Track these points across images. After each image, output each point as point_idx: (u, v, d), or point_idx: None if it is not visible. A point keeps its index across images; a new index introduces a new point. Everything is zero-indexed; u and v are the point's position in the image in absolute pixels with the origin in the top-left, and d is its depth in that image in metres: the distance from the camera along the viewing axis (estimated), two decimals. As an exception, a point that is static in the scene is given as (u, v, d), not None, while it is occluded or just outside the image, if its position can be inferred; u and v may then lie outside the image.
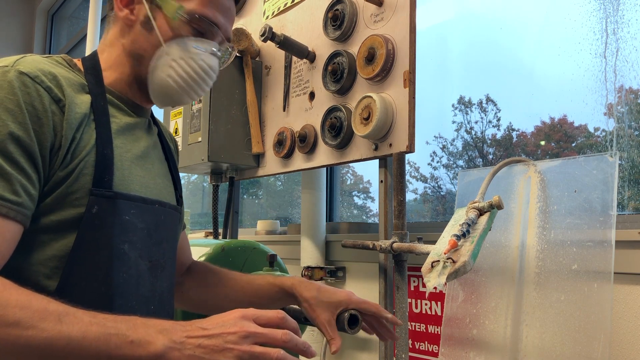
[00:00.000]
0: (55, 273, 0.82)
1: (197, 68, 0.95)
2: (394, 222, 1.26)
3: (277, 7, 1.78)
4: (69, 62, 0.93)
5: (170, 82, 0.95)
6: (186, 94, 0.98)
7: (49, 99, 0.81)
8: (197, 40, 0.95)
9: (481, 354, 1.22)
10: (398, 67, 1.30)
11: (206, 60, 0.96)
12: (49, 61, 0.88)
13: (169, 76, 0.94)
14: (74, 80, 0.88)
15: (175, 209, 1.03)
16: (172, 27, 0.93)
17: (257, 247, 1.41)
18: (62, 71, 0.87)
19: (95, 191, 0.84)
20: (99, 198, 0.84)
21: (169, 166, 1.08)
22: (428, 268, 0.99)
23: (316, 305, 1.03)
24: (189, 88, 0.97)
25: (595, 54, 1.44)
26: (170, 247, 1.01)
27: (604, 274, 1.05)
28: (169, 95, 0.97)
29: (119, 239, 0.87)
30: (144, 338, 0.71)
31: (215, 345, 0.73)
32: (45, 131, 0.80)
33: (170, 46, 0.93)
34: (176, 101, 0.99)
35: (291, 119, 1.67)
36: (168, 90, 0.96)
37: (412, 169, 2.08)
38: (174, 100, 0.99)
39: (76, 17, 4.62)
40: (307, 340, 1.71)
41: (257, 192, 3.43)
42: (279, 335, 0.76)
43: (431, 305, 1.50)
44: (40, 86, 0.81)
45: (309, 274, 1.75)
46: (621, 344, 1.13)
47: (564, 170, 1.17)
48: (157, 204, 0.96)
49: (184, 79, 0.95)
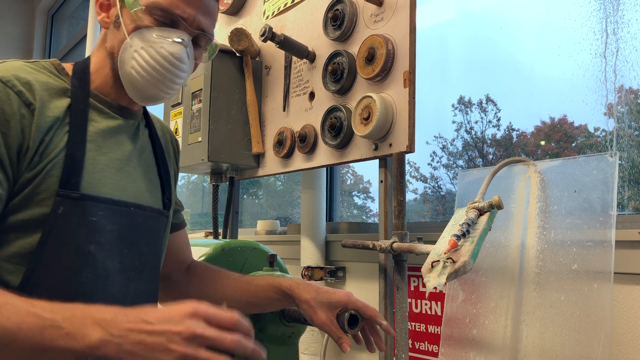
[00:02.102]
0: (17, 269, 0.84)
1: (157, 57, 0.93)
2: (394, 222, 1.26)
3: (277, 7, 1.78)
4: (57, 67, 0.96)
5: (134, 73, 0.94)
6: (154, 86, 0.95)
7: (19, 103, 0.84)
8: (160, 30, 0.94)
9: (481, 354, 1.22)
10: (398, 67, 1.30)
11: (167, 47, 0.93)
12: (31, 67, 0.91)
13: (132, 68, 0.93)
14: (53, 85, 0.91)
15: (159, 212, 1.03)
16: (133, 19, 0.93)
17: (257, 247, 1.41)
18: (41, 76, 0.90)
19: (61, 192, 0.86)
20: (64, 199, 0.86)
21: (158, 169, 1.08)
22: (428, 268, 0.99)
23: (316, 307, 1.02)
24: (154, 79, 0.94)
25: (595, 54, 1.44)
26: (151, 251, 1.00)
27: (604, 274, 1.05)
28: (138, 88, 0.96)
29: (85, 240, 0.88)
30: (79, 330, 0.70)
31: (157, 343, 0.70)
32: (13, 134, 0.83)
33: (132, 38, 0.93)
34: (148, 95, 0.97)
35: (291, 119, 1.67)
36: (135, 83, 0.95)
37: (412, 169, 2.08)
38: (145, 93, 0.97)
39: (76, 17, 4.62)
40: (307, 340, 1.72)
41: (257, 192, 3.43)
42: (227, 341, 0.72)
43: (431, 305, 1.50)
44: (12, 90, 0.84)
45: (309, 274, 1.75)
46: (621, 344, 1.13)
47: (564, 170, 1.17)
48: (132, 206, 0.96)
49: (145, 69, 0.93)
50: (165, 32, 0.94)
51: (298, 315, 1.15)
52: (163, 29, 0.94)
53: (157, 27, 0.94)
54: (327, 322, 1.01)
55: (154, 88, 0.96)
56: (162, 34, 0.94)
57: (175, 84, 0.97)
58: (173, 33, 0.94)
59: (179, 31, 0.95)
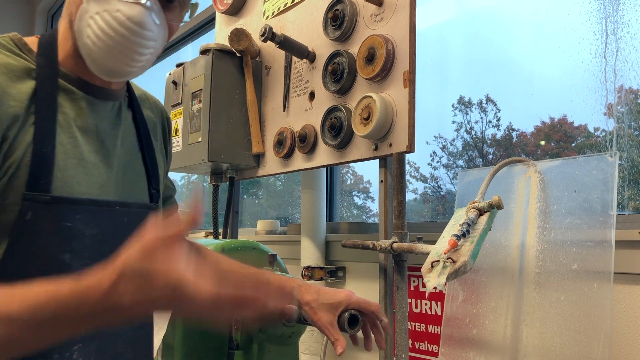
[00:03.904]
0: None
1: (112, 22, 0.78)
2: (394, 222, 1.26)
3: (277, 7, 1.78)
4: (18, 43, 0.82)
5: (90, 43, 0.80)
6: (115, 58, 0.81)
7: None
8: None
9: (481, 354, 1.22)
10: (398, 67, 1.30)
11: (124, 10, 0.79)
12: None
13: (87, 37, 0.80)
14: (14, 66, 0.78)
15: (146, 207, 0.94)
16: None
17: (257, 247, 1.41)
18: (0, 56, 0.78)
19: (29, 195, 0.75)
20: (33, 203, 0.75)
21: (143, 156, 0.96)
22: (428, 268, 0.99)
23: (317, 308, 1.00)
24: (112, 50, 0.80)
25: (595, 54, 1.44)
26: None
27: (604, 274, 1.05)
28: (96, 61, 0.81)
29: (58, 248, 0.78)
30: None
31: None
32: None
33: (88, 2, 0.80)
34: (109, 69, 0.83)
35: (291, 119, 1.67)
36: (91, 54, 0.81)
37: (412, 169, 2.08)
38: (105, 67, 0.82)
39: (76, 17, 4.62)
40: (307, 341, 1.72)
41: (257, 192, 3.43)
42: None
43: (431, 305, 1.50)
44: None
45: (309, 274, 1.75)
46: (621, 344, 1.13)
47: (564, 170, 1.17)
48: (117, 205, 0.86)
49: (101, 38, 0.79)
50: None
51: (297, 315, 1.15)
52: None
53: None
54: (327, 324, 0.99)
55: (114, 60, 0.81)
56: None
57: (141, 55, 0.82)
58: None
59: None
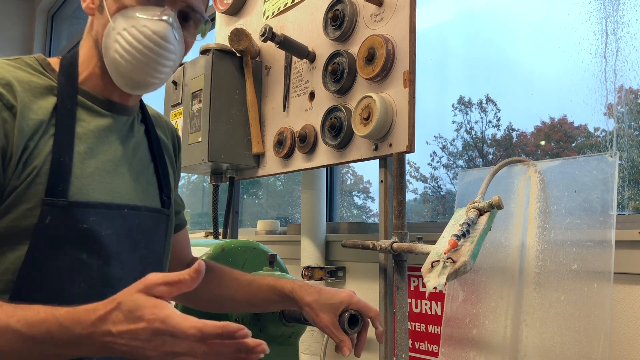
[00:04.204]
0: (9, 286, 0.80)
1: (140, 37, 0.86)
2: (394, 222, 1.26)
3: (277, 7, 1.78)
4: (42, 63, 0.90)
5: (118, 57, 0.87)
6: (141, 70, 0.89)
7: (1, 106, 0.80)
8: (143, 8, 0.88)
9: (481, 354, 1.22)
10: (398, 67, 1.30)
11: (150, 26, 0.87)
12: (11, 64, 0.86)
13: (115, 52, 0.87)
14: (37, 83, 0.86)
15: (157, 211, 1.00)
16: (115, 1, 0.88)
17: (257, 247, 1.41)
18: (23, 75, 0.85)
19: (48, 201, 0.81)
20: (52, 207, 0.81)
21: (155, 166, 1.03)
22: (428, 268, 0.99)
23: (318, 309, 1.00)
24: (139, 63, 0.88)
25: (595, 54, 1.44)
26: (151, 251, 0.97)
27: (604, 274, 1.05)
28: (123, 74, 0.89)
29: (76, 248, 0.84)
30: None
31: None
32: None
33: (115, 20, 0.87)
34: (135, 81, 0.91)
35: (291, 119, 1.67)
36: (120, 68, 0.88)
37: (412, 169, 2.08)
38: (131, 79, 0.90)
39: (76, 17, 4.62)
40: (307, 341, 1.72)
41: (257, 192, 3.43)
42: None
43: (431, 305, 1.50)
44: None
45: (309, 274, 1.75)
46: (621, 344, 1.13)
47: (564, 170, 1.17)
48: (126, 208, 0.92)
49: (129, 51, 0.87)
50: (149, 10, 0.88)
51: (298, 315, 1.15)
52: (146, 7, 0.88)
53: (140, 5, 0.88)
54: (329, 325, 0.99)
55: (140, 73, 0.89)
56: (144, 12, 0.87)
57: (164, 66, 0.90)
58: (156, 10, 0.88)
59: (163, 8, 0.89)
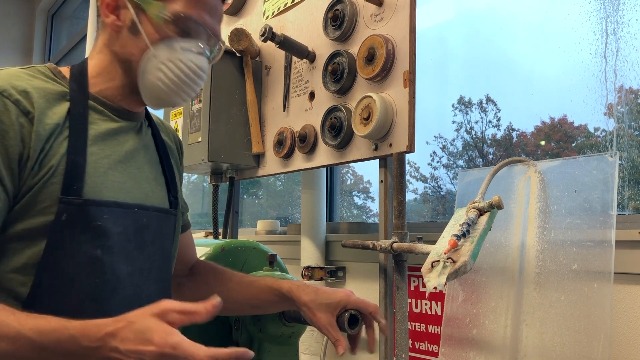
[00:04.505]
0: (29, 280, 0.84)
1: (186, 69, 0.95)
2: (394, 222, 1.26)
3: (277, 7, 1.78)
4: (53, 71, 0.94)
5: (161, 85, 0.95)
6: (177, 95, 0.98)
7: (17, 112, 0.84)
8: (185, 41, 0.95)
9: (481, 354, 1.22)
10: (398, 67, 1.30)
11: (195, 60, 0.96)
12: (27, 73, 0.90)
13: (158, 79, 0.94)
14: (51, 90, 0.90)
15: (164, 211, 1.02)
16: (157, 29, 0.93)
17: (257, 247, 1.41)
18: (37, 83, 0.89)
19: (64, 199, 0.85)
20: (67, 205, 0.85)
21: (162, 168, 1.07)
22: (428, 268, 0.99)
23: (316, 309, 1.01)
24: (179, 90, 0.97)
25: (595, 54, 1.44)
26: (158, 250, 1.00)
27: (604, 274, 1.05)
28: (161, 98, 0.97)
29: (91, 244, 0.87)
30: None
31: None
32: (13, 144, 0.82)
33: (157, 48, 0.93)
34: (169, 103, 1.00)
35: (291, 119, 1.67)
36: (159, 93, 0.96)
37: (412, 169, 2.08)
38: (166, 102, 0.99)
39: (76, 17, 4.62)
40: (307, 341, 1.72)
41: (257, 192, 3.43)
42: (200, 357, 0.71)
43: (431, 305, 1.50)
44: (9, 100, 0.83)
45: (309, 274, 1.75)
46: (621, 344, 1.13)
47: (564, 170, 1.17)
48: (136, 207, 0.95)
49: (173, 81, 0.95)
50: (190, 43, 0.95)
51: (298, 315, 1.15)
52: (187, 40, 0.95)
53: (181, 37, 0.94)
54: (326, 324, 1.00)
55: (177, 97, 0.98)
56: (186, 45, 0.95)
57: (195, 92, 1.00)
58: (197, 44, 0.96)
59: (202, 42, 0.97)
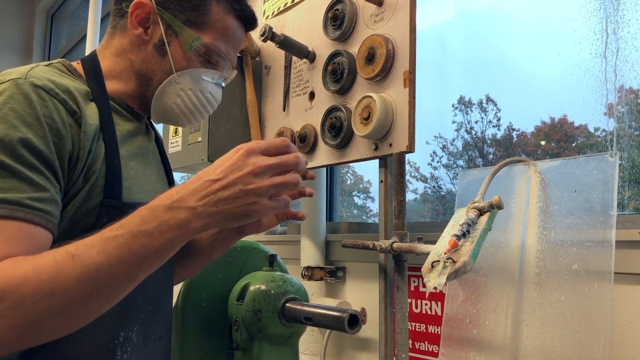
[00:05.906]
0: None
1: (203, 100, 0.99)
2: (394, 222, 1.26)
3: (277, 7, 1.78)
4: (69, 68, 0.92)
5: (176, 109, 0.98)
6: (187, 119, 1.01)
7: (65, 112, 0.82)
8: (207, 72, 0.97)
9: (481, 354, 1.22)
10: (398, 67, 1.30)
11: (212, 92, 1.00)
12: (53, 71, 0.87)
13: (175, 104, 0.97)
14: (81, 89, 0.88)
15: None
16: (186, 57, 0.94)
17: (257, 247, 1.41)
18: (69, 81, 0.87)
19: (106, 202, 0.85)
20: (108, 209, 0.85)
21: (165, 169, 1.09)
22: (428, 268, 0.99)
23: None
24: (191, 115, 1.00)
25: (595, 54, 1.44)
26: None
27: (604, 274, 1.05)
28: (171, 119, 1.00)
29: None
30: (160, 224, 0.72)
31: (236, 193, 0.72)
32: (66, 143, 0.80)
33: (181, 76, 0.95)
34: (176, 124, 1.03)
35: (291, 119, 1.67)
36: (172, 115, 0.99)
37: (412, 169, 2.08)
38: (174, 122, 1.02)
39: (76, 17, 4.62)
40: (307, 340, 1.72)
41: (257, 192, 3.43)
42: (292, 160, 0.76)
43: (431, 305, 1.50)
44: (56, 99, 0.81)
45: (309, 274, 1.75)
46: (621, 344, 1.13)
47: (564, 170, 1.17)
48: None
49: (189, 108, 0.98)
50: (211, 74, 0.98)
51: (297, 314, 1.15)
52: (208, 70, 0.97)
53: (204, 67, 0.97)
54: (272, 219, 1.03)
55: (186, 121, 1.01)
56: (207, 75, 0.98)
57: (204, 118, 1.04)
58: (216, 75, 0.99)
59: (220, 73, 1.00)
